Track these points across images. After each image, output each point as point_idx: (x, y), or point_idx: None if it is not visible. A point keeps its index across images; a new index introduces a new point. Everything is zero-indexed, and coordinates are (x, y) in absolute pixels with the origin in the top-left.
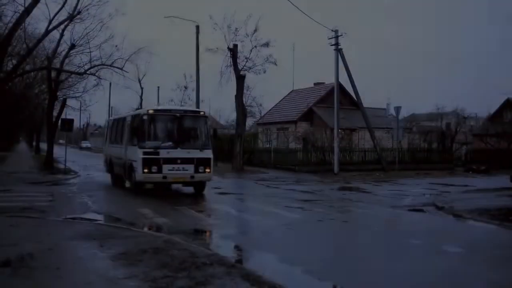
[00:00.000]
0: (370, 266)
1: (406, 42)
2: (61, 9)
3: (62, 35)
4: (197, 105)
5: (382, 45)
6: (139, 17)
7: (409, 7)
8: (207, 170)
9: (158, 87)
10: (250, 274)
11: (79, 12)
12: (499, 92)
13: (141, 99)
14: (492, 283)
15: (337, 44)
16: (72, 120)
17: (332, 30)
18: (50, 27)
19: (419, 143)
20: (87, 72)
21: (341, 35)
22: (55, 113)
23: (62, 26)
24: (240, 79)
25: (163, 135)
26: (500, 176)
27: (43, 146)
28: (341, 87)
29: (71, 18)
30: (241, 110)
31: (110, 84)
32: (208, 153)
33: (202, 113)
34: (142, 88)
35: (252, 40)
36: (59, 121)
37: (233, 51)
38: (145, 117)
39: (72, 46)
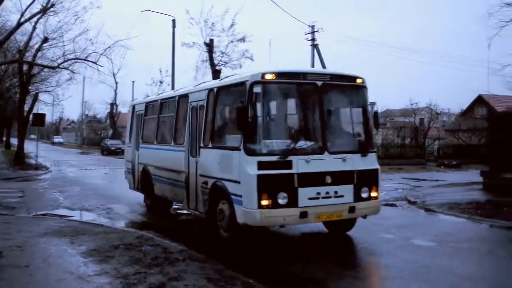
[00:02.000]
0: (342, 261)
1: (380, 37)
2: (34, 1)
3: (34, 28)
4: None
5: (357, 40)
6: (114, 10)
7: (385, 1)
8: (374, 193)
9: (133, 81)
10: (223, 270)
11: (52, 5)
12: (471, 89)
13: (116, 94)
14: (459, 276)
15: (313, 39)
16: (43, 115)
17: (309, 26)
18: (22, 19)
19: (393, 138)
20: (60, 66)
21: (317, 30)
22: (26, 108)
23: (34, 19)
24: (216, 74)
25: (294, 126)
26: (470, 170)
27: (14, 141)
28: None
29: (44, 10)
30: None
31: (84, 78)
32: (373, 160)
33: (359, 80)
34: (116, 83)
35: (228, 35)
36: (31, 116)
37: (209, 46)
38: (257, 89)
39: (45, 40)
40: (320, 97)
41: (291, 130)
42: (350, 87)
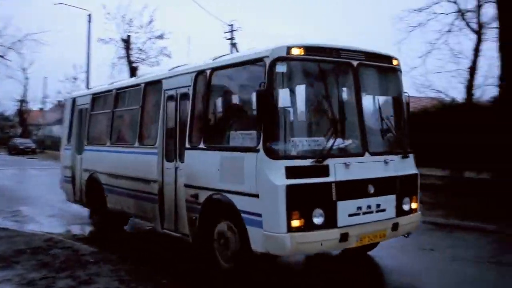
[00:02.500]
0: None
1: (297, 38)
2: None
3: None
4: None
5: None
6: (27, 1)
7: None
8: (414, 204)
9: (45, 77)
10: (136, 271)
11: None
12: None
13: (25, 89)
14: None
15: (232, 38)
16: None
17: (228, 24)
18: None
19: None
20: None
21: (237, 29)
22: None
23: None
24: (133, 71)
25: (328, 119)
26: None
27: None
28: None
29: None
30: None
31: None
32: (412, 162)
33: (395, 62)
34: (27, 78)
35: (146, 32)
36: None
37: (127, 42)
38: (280, 68)
39: None
40: (357, 80)
41: (326, 123)
42: (387, 70)
